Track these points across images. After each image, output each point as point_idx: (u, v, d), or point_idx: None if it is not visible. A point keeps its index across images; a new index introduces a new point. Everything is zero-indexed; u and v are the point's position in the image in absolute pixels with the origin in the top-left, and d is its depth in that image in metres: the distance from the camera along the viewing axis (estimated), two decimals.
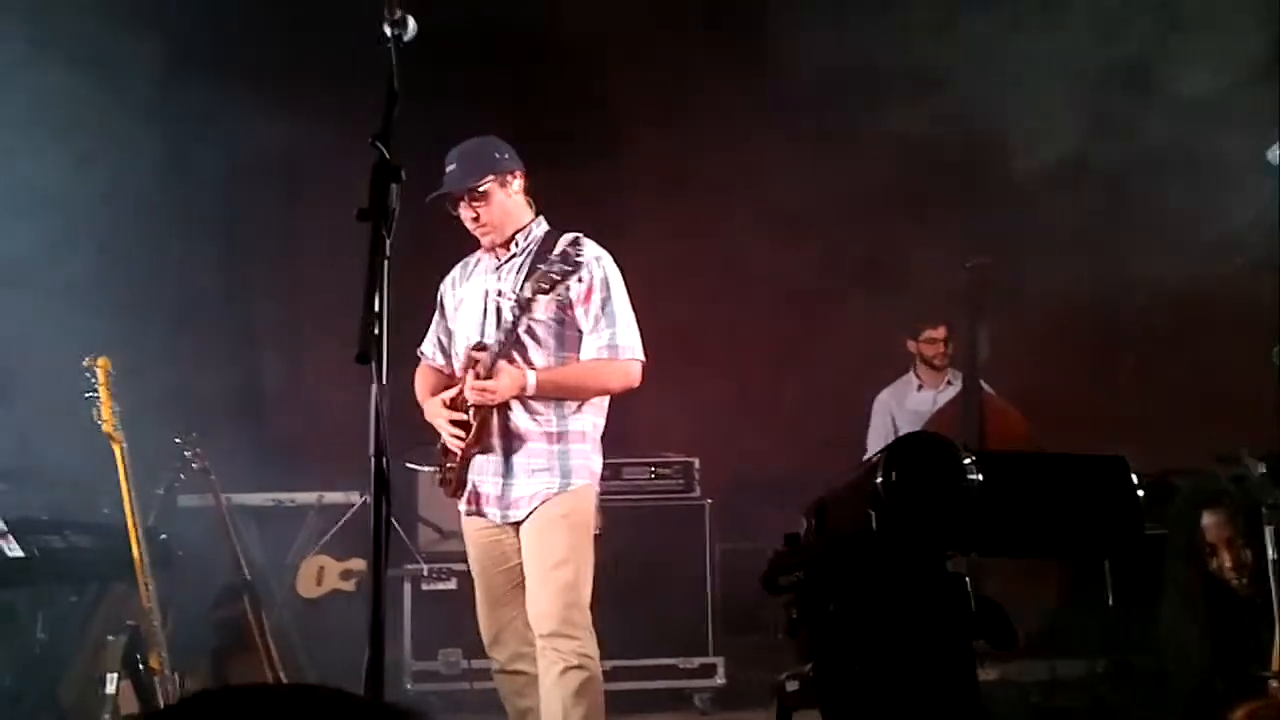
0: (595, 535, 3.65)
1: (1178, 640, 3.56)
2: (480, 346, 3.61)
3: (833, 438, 5.85)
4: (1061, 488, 1.83)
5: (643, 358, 3.62)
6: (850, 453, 5.69)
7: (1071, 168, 5.74)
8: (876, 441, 5.68)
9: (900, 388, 5.72)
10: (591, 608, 3.56)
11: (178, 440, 4.70)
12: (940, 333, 5.54)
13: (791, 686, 1.89)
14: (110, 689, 3.92)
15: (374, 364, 2.34)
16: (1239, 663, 3.38)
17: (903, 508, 1.74)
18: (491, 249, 3.72)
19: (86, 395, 3.99)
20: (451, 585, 5.17)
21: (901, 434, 5.41)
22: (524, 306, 3.49)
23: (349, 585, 5.37)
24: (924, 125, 5.69)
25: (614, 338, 3.55)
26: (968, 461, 1.79)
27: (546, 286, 3.43)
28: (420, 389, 3.85)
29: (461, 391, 3.61)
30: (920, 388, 5.67)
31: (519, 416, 3.57)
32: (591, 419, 3.65)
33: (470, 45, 5.71)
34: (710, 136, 6.35)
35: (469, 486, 3.65)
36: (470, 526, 3.72)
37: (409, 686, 5.17)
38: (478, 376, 3.53)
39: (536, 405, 3.56)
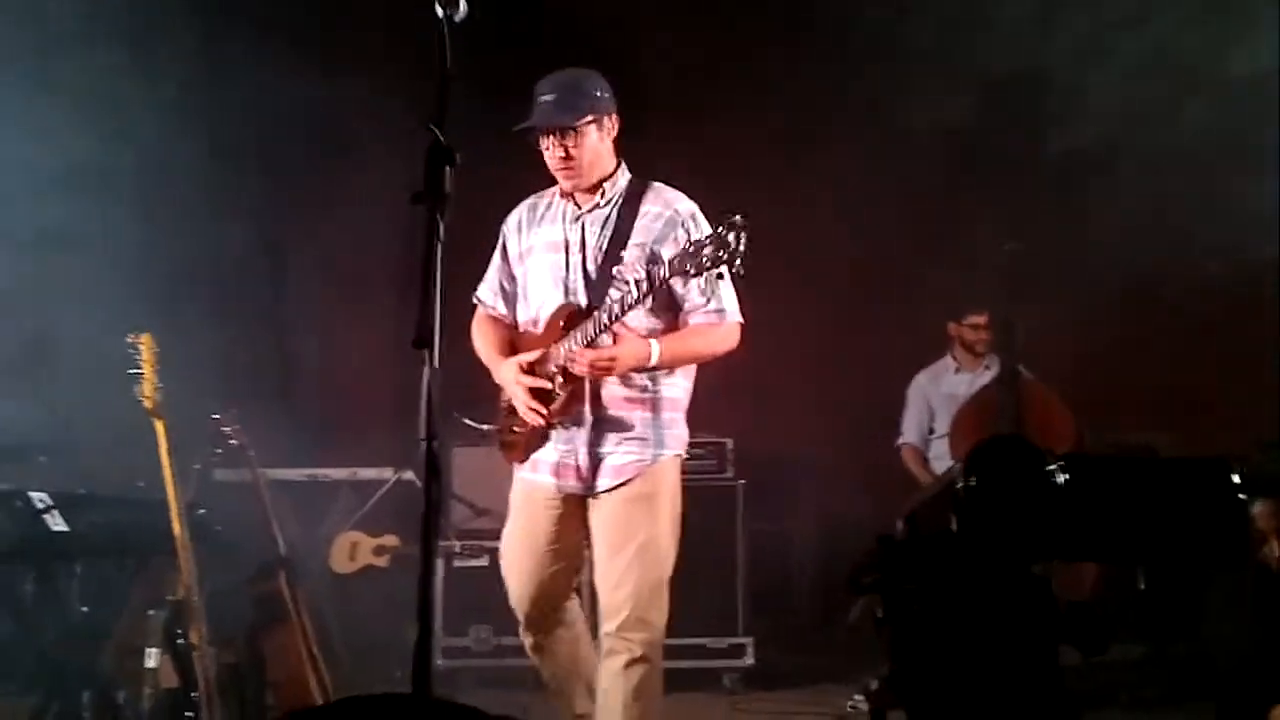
0: None
1: (1223, 631, 3.54)
2: (581, 311, 3.30)
3: (868, 420, 5.83)
4: (1156, 492, 1.77)
5: (742, 319, 3.38)
6: (887, 435, 5.68)
7: (1113, 151, 5.70)
8: (912, 424, 5.66)
9: (937, 370, 5.69)
10: None
11: (215, 416, 4.64)
12: (984, 318, 5.50)
13: (873, 685, 1.88)
14: (151, 663, 3.94)
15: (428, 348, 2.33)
16: None
17: (984, 511, 1.72)
18: (570, 194, 3.42)
19: (130, 372, 3.97)
20: (484, 562, 5.17)
21: (937, 417, 5.50)
22: (654, 285, 3.13)
23: (381, 561, 5.39)
24: (968, 107, 5.65)
25: (720, 301, 3.31)
26: (1052, 467, 1.75)
27: (692, 270, 3.04)
28: (482, 343, 3.55)
29: (545, 355, 3.32)
30: (957, 370, 5.64)
31: (612, 383, 3.29)
32: (684, 384, 3.41)
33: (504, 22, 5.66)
34: (746, 114, 6.30)
35: (554, 458, 3.36)
36: (531, 494, 3.44)
37: (440, 662, 5.16)
38: (576, 343, 3.22)
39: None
